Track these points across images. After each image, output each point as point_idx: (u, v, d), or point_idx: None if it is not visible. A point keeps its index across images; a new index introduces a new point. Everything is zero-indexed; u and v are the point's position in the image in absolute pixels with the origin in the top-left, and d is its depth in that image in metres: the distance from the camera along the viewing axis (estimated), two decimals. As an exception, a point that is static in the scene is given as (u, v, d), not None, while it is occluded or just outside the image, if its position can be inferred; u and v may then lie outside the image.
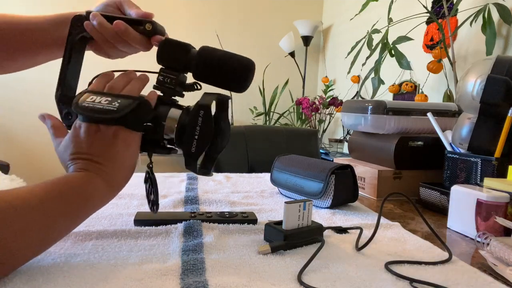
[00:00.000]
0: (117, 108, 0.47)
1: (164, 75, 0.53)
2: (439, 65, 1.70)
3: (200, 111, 0.49)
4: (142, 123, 0.50)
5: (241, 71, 0.52)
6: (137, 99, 0.49)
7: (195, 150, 0.49)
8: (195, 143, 0.49)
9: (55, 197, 0.44)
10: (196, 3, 3.12)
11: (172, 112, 0.51)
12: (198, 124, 0.49)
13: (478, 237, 0.56)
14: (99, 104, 0.48)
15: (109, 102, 0.48)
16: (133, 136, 0.50)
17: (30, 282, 0.39)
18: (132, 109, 0.47)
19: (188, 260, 0.45)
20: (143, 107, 0.49)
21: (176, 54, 0.53)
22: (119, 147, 0.49)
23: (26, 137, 2.86)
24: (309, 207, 0.55)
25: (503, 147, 0.72)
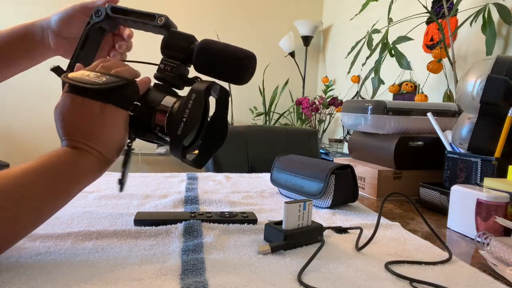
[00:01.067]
0: (102, 82, 0.47)
1: (165, 63, 0.54)
2: (439, 65, 1.70)
3: (192, 95, 0.49)
4: (129, 102, 0.50)
5: (241, 62, 0.52)
6: (124, 78, 0.49)
7: (181, 133, 0.48)
8: (182, 125, 0.48)
9: (46, 177, 0.44)
10: (196, 3, 3.12)
11: (166, 99, 0.51)
12: (188, 107, 0.48)
13: (478, 237, 0.56)
14: (87, 77, 0.48)
15: (97, 77, 0.48)
16: (120, 112, 0.49)
17: (30, 282, 0.39)
18: (117, 85, 0.48)
19: (188, 260, 0.45)
20: (129, 86, 0.49)
21: (179, 43, 0.54)
22: (106, 122, 0.49)
23: (26, 137, 2.86)
24: (309, 207, 0.55)
25: (503, 147, 0.72)
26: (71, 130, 0.48)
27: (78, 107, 0.48)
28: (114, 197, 0.78)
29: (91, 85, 0.47)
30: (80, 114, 0.48)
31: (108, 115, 0.49)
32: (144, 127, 0.52)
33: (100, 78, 0.48)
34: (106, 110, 0.48)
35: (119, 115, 0.49)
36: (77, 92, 0.48)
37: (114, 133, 0.50)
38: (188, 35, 0.54)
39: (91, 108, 0.48)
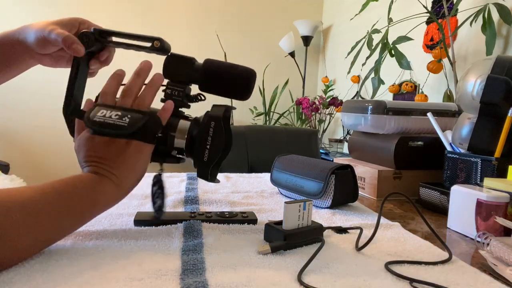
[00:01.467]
0: (127, 123, 0.49)
1: (171, 89, 0.55)
2: (439, 65, 1.70)
3: (211, 123, 0.52)
4: (153, 136, 0.52)
5: (244, 80, 0.55)
6: (147, 114, 0.51)
7: (207, 159, 0.52)
8: (207, 153, 0.52)
9: (64, 198, 0.46)
10: (196, 3, 3.11)
11: (182, 124, 0.54)
12: (209, 134, 0.52)
13: (478, 237, 0.56)
14: (109, 119, 0.49)
15: (119, 117, 0.50)
16: (145, 146, 0.52)
17: (30, 282, 0.39)
18: (142, 124, 0.50)
19: (188, 260, 0.45)
20: (153, 121, 0.51)
21: (181, 68, 0.55)
22: (131, 154, 0.51)
23: (26, 137, 2.86)
24: (309, 207, 0.55)
25: (503, 147, 0.72)
26: (95, 158, 0.50)
27: (105, 144, 0.50)
28: (114, 197, 0.78)
29: (117, 130, 0.49)
30: (106, 148, 0.50)
31: (133, 149, 0.51)
32: (164, 152, 0.55)
33: (123, 120, 0.49)
34: (132, 144, 0.51)
35: (143, 149, 0.51)
36: (104, 135, 0.50)
37: (138, 164, 0.52)
38: (189, 58, 0.56)
39: (117, 144, 0.50)
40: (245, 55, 3.22)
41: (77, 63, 0.57)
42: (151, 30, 2.89)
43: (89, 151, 0.50)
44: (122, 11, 2.89)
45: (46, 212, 0.43)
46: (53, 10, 2.72)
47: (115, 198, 0.51)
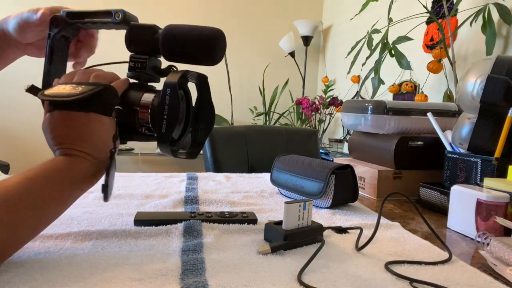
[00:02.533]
0: (79, 92, 0.47)
1: (134, 61, 0.52)
2: (439, 65, 1.70)
3: (167, 89, 0.47)
4: (110, 107, 0.50)
5: (208, 42, 0.50)
6: (101, 85, 0.49)
7: (165, 130, 0.48)
8: (165, 123, 0.47)
9: (41, 186, 0.45)
10: (196, 3, 3.12)
11: (145, 97, 0.50)
12: (165, 103, 0.47)
13: (478, 237, 0.56)
14: (63, 90, 0.48)
15: (73, 88, 0.48)
16: (104, 118, 0.50)
17: (30, 282, 0.39)
18: (94, 92, 0.47)
19: (188, 260, 0.45)
20: (107, 91, 0.49)
21: (142, 36, 0.52)
22: (94, 128, 0.49)
23: (26, 137, 2.86)
24: (309, 207, 0.55)
25: (503, 147, 0.72)
26: (61, 139, 0.49)
27: (64, 120, 0.49)
28: (114, 197, 0.78)
29: (68, 97, 0.46)
30: (67, 125, 0.49)
31: (93, 122, 0.49)
32: (131, 129, 0.52)
33: (76, 89, 0.48)
34: (91, 117, 0.49)
35: (104, 121, 0.50)
36: (58, 107, 0.49)
37: (103, 137, 0.50)
38: (149, 25, 0.52)
39: (76, 118, 0.49)
40: (245, 55, 3.22)
41: (50, 47, 0.56)
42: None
43: (52, 131, 0.49)
44: (122, 11, 2.89)
45: (25, 202, 0.43)
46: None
47: (92, 175, 0.50)
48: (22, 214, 0.42)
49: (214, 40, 0.50)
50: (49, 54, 0.56)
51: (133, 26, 0.53)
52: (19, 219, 0.42)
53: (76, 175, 0.48)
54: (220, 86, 3.00)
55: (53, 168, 0.47)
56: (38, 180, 0.45)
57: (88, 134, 0.49)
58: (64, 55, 0.59)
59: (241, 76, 3.20)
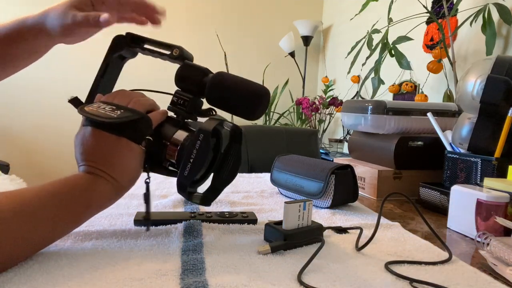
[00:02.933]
0: (116, 116, 0.48)
1: (178, 97, 0.54)
2: (439, 65, 1.70)
3: (200, 135, 0.48)
4: (142, 136, 0.51)
5: (252, 97, 0.50)
6: (139, 113, 0.50)
7: (188, 174, 0.48)
8: (189, 166, 0.48)
9: (59, 200, 0.45)
10: (196, 3, 3.11)
11: (178, 134, 0.51)
12: (195, 147, 0.48)
13: (478, 237, 0.56)
14: (102, 111, 0.49)
15: (112, 110, 0.49)
16: (133, 145, 0.51)
17: (30, 282, 0.39)
18: (130, 120, 0.49)
19: (188, 260, 0.45)
20: (143, 121, 0.50)
21: (192, 76, 0.53)
22: (122, 153, 0.50)
23: (26, 137, 2.86)
24: (309, 207, 0.55)
25: (503, 147, 0.72)
26: (89, 156, 0.50)
27: (96, 138, 0.50)
28: (114, 197, 0.78)
29: (104, 119, 0.48)
30: (97, 144, 0.50)
31: (123, 147, 0.50)
32: (156, 161, 0.53)
33: (115, 112, 0.49)
34: (121, 142, 0.50)
35: (133, 147, 0.51)
36: (92, 125, 0.50)
37: (129, 163, 0.51)
38: (201, 68, 0.53)
39: (107, 139, 0.50)
40: (245, 55, 3.22)
41: (106, 63, 0.57)
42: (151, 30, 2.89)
43: (82, 146, 0.50)
44: (122, 11, 2.89)
45: (41, 216, 0.43)
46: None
47: (110, 198, 0.51)
48: (36, 226, 0.43)
49: (258, 99, 0.50)
50: (104, 69, 0.58)
51: (187, 64, 0.54)
52: (33, 231, 0.42)
53: (95, 195, 0.48)
54: (220, 86, 2.99)
55: (74, 185, 0.47)
56: (57, 195, 0.46)
57: (115, 157, 0.50)
58: (116, 73, 0.60)
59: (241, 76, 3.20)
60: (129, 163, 0.51)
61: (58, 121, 2.85)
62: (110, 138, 0.50)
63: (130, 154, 0.50)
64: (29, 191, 0.44)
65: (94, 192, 0.48)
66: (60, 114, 2.80)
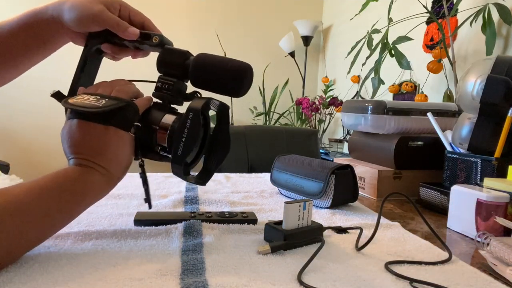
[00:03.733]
0: (101, 105, 0.48)
1: (162, 82, 0.54)
2: (439, 65, 1.70)
3: (189, 113, 0.49)
4: (130, 123, 0.50)
5: (236, 73, 0.51)
6: (124, 100, 0.50)
7: (181, 153, 0.49)
8: (182, 146, 0.49)
9: (51, 194, 0.45)
10: (196, 3, 3.12)
11: (166, 118, 0.52)
12: (186, 126, 0.49)
13: (478, 237, 0.56)
14: (86, 101, 0.49)
15: (97, 100, 0.49)
16: (122, 133, 0.50)
17: (29, 282, 0.39)
18: (116, 107, 0.49)
19: (188, 260, 0.45)
20: (129, 108, 0.50)
21: (174, 60, 0.54)
22: (111, 142, 0.50)
23: (26, 137, 2.86)
24: (309, 207, 0.55)
25: (503, 147, 0.72)
26: (78, 149, 0.49)
27: (83, 129, 0.49)
28: (114, 197, 0.78)
29: (90, 109, 0.48)
30: (85, 135, 0.49)
31: (111, 136, 0.50)
32: (147, 147, 0.53)
33: (99, 101, 0.49)
34: (109, 131, 0.49)
35: (122, 135, 0.50)
36: (78, 116, 0.49)
37: (119, 152, 0.51)
38: (182, 51, 0.54)
39: (95, 129, 0.49)
40: (245, 55, 3.22)
41: (85, 56, 0.57)
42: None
43: (70, 139, 0.49)
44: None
45: (34, 210, 0.43)
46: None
47: (103, 189, 0.51)
48: (31, 222, 0.42)
49: (242, 73, 0.51)
50: (83, 63, 0.57)
51: (167, 49, 0.54)
52: (28, 227, 0.42)
53: (88, 186, 0.48)
54: (220, 86, 3.00)
55: (66, 178, 0.47)
56: (49, 189, 0.45)
57: (104, 147, 0.49)
58: (95, 67, 0.60)
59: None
60: (119, 152, 0.50)
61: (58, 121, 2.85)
62: (98, 128, 0.49)
63: (119, 142, 0.50)
64: (20, 187, 0.44)
65: (86, 184, 0.48)
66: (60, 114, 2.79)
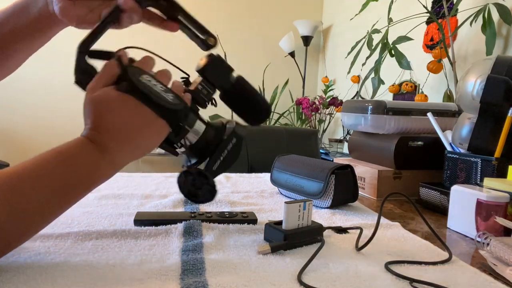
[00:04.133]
0: (172, 101, 0.48)
1: (203, 86, 0.55)
2: (439, 65, 1.70)
3: (233, 138, 0.53)
4: (178, 124, 0.51)
5: (262, 110, 0.57)
6: (185, 103, 0.50)
7: (216, 170, 0.53)
8: (218, 164, 0.53)
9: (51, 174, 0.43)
10: (196, 3, 3.11)
11: (198, 124, 0.53)
12: (227, 148, 0.53)
13: (478, 237, 0.56)
14: (156, 88, 0.48)
15: (164, 91, 0.48)
16: (166, 129, 0.49)
17: (29, 282, 0.39)
18: (182, 109, 0.49)
19: (188, 260, 0.45)
20: (186, 112, 0.51)
21: (220, 72, 0.55)
22: (151, 133, 0.48)
23: (26, 137, 2.86)
24: (309, 207, 0.55)
25: (503, 147, 0.72)
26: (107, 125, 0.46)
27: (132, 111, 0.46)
28: (114, 197, 0.78)
29: (163, 101, 0.47)
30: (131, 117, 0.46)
31: (155, 127, 0.48)
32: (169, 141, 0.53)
33: (167, 95, 0.48)
34: (157, 123, 0.47)
35: (164, 130, 0.49)
36: (137, 96, 0.46)
37: (150, 144, 0.49)
38: (229, 66, 0.56)
39: (144, 117, 0.46)
40: (245, 55, 3.22)
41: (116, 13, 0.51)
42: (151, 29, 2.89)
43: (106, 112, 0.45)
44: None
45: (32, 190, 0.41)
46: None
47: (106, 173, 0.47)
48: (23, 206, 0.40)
49: (266, 114, 0.58)
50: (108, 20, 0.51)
51: (219, 58, 0.55)
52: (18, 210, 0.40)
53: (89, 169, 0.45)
54: (220, 86, 3.00)
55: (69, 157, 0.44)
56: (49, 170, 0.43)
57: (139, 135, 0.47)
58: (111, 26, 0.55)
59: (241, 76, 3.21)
60: (149, 144, 0.49)
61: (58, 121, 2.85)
62: (148, 117, 0.46)
63: (158, 136, 0.49)
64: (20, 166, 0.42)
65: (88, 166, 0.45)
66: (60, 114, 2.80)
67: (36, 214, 0.42)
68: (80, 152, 0.45)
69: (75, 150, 0.45)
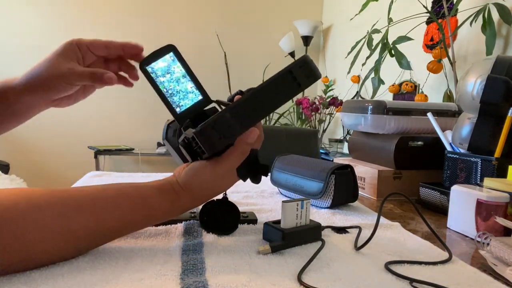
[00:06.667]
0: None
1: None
2: (439, 65, 1.70)
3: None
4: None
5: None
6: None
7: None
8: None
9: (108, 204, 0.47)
10: (196, 3, 3.11)
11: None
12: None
13: (478, 237, 0.56)
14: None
15: None
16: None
17: (29, 283, 0.39)
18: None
19: (188, 260, 0.45)
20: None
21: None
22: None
23: (26, 137, 2.86)
24: (307, 206, 0.55)
25: (503, 147, 0.72)
26: (196, 187, 0.51)
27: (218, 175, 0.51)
28: (114, 197, 0.77)
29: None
30: (216, 179, 0.52)
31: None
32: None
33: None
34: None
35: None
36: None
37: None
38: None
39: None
40: (245, 55, 3.22)
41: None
42: (151, 29, 2.90)
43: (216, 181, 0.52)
44: (122, 11, 2.89)
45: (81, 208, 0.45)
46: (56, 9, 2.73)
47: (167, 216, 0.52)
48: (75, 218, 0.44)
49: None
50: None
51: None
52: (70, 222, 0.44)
53: (154, 211, 0.50)
54: (220, 86, 3.00)
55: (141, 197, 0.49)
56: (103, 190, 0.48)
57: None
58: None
59: (241, 76, 3.20)
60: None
61: (58, 121, 2.85)
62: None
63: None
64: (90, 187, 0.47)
65: (154, 208, 0.49)
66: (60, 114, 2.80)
67: (114, 233, 0.48)
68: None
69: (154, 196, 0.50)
